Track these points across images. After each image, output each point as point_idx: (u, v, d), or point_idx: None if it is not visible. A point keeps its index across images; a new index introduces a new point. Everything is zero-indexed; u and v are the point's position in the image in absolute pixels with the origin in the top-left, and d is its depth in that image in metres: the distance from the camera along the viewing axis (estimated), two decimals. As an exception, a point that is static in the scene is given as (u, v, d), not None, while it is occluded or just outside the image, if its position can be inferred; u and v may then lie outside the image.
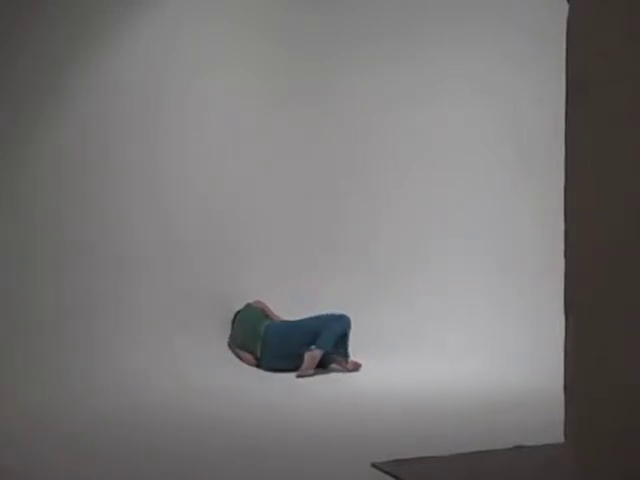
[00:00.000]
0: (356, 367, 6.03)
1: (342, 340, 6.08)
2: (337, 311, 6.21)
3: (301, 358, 5.92)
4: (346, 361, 6.06)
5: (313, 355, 5.91)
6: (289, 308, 6.40)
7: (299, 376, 5.79)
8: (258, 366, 6.05)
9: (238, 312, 6.32)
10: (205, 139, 6.42)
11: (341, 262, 6.92)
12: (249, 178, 6.70)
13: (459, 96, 6.89)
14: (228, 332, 6.27)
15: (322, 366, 6.02)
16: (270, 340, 6.05)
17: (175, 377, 5.38)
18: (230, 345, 6.20)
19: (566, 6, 2.62)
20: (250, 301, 6.39)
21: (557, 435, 2.77)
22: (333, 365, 6.09)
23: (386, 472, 3.36)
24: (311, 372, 5.87)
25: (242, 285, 6.53)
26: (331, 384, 5.68)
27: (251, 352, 6.11)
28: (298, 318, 6.24)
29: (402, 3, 6.97)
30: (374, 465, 3.45)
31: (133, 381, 5.18)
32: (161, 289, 5.98)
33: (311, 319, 6.16)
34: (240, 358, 6.10)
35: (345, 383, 5.69)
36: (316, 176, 7.01)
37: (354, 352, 6.11)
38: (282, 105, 6.86)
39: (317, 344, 5.97)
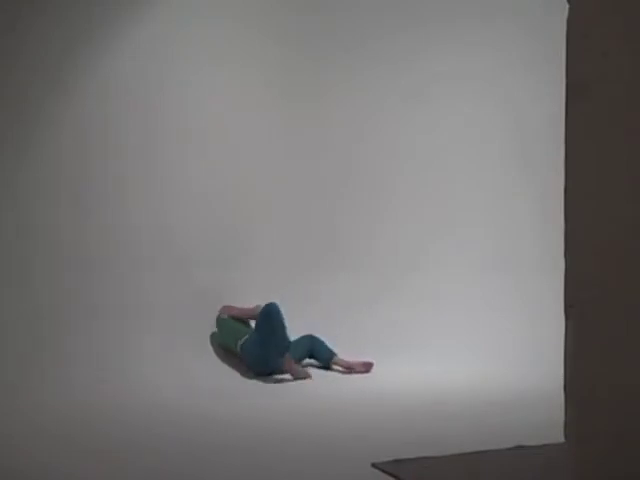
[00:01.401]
0: (367, 367, 5.96)
1: (318, 350, 6.01)
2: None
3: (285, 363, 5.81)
4: (346, 365, 5.98)
5: (289, 358, 5.78)
6: (289, 308, 6.39)
7: (295, 379, 5.75)
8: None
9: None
10: (205, 139, 6.41)
11: (341, 262, 6.91)
12: (249, 178, 6.69)
13: (459, 96, 6.88)
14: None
15: (326, 368, 5.98)
16: (248, 360, 5.90)
17: (175, 378, 5.38)
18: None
19: (566, 6, 2.62)
20: (217, 313, 6.21)
21: (557, 435, 2.77)
22: (336, 367, 6.03)
23: (386, 472, 3.37)
24: (302, 372, 5.77)
25: (242, 285, 6.53)
26: (331, 384, 5.68)
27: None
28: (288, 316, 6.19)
29: (402, 3, 6.97)
30: (374, 465, 3.46)
31: (133, 382, 5.18)
32: (161, 291, 5.97)
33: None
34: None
35: (345, 383, 5.69)
36: (316, 175, 7.00)
37: (357, 352, 6.10)
38: (282, 105, 6.85)
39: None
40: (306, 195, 6.98)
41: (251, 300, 6.39)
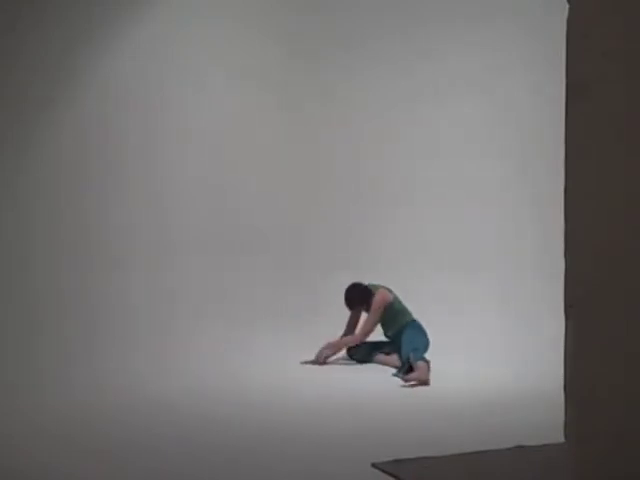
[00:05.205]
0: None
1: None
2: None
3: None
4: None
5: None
6: (291, 308, 6.40)
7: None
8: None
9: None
10: (205, 139, 6.42)
11: (341, 262, 6.91)
12: (249, 178, 6.69)
13: (459, 96, 6.88)
14: (226, 331, 6.24)
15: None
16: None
17: (175, 378, 5.38)
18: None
19: (566, 6, 2.62)
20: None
21: (557, 435, 2.77)
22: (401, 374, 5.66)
23: (386, 472, 3.37)
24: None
25: (242, 286, 6.53)
26: (332, 383, 5.67)
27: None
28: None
29: (402, 4, 6.97)
30: (374, 465, 3.45)
31: (133, 382, 5.18)
32: (160, 290, 5.97)
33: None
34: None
35: (345, 383, 5.69)
36: (316, 175, 7.01)
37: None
38: (282, 104, 6.86)
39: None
40: (306, 195, 6.98)
41: (251, 300, 6.39)
